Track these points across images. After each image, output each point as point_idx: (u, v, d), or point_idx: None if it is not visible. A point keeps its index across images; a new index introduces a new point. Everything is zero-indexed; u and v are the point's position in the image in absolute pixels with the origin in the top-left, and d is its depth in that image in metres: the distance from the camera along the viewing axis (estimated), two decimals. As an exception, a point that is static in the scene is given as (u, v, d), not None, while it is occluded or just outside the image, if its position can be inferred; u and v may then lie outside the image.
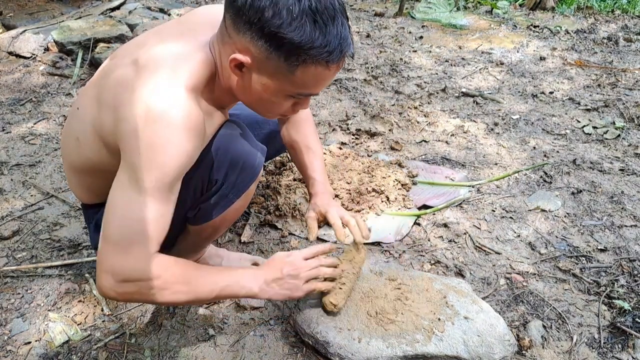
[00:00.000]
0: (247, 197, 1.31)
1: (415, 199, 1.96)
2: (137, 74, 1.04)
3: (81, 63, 3.08)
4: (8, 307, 1.45)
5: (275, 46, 0.96)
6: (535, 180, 2.14)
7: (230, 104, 1.21)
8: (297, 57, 0.96)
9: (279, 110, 1.13)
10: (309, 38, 0.94)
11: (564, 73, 3.28)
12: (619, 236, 1.80)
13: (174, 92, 1.00)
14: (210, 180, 1.21)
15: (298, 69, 0.99)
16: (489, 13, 4.59)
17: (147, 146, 0.98)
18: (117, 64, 1.13)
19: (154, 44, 1.08)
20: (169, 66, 1.03)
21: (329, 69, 1.00)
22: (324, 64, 0.99)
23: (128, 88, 1.03)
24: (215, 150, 1.18)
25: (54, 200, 1.93)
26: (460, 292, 1.39)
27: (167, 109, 0.98)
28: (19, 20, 3.74)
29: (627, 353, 1.36)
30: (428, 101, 2.87)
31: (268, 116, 1.20)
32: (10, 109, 2.62)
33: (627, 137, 2.51)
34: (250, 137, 1.28)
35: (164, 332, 1.39)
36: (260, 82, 1.04)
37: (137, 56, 1.07)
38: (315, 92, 1.08)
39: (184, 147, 1.00)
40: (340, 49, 0.98)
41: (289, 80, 1.01)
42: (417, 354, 1.23)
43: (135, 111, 0.99)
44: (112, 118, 1.06)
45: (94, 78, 1.20)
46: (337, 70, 1.03)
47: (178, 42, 1.09)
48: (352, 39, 1.02)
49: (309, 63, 0.98)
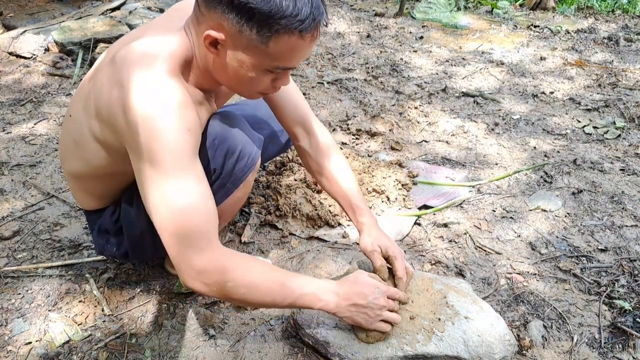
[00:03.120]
0: (245, 187, 1.30)
1: (416, 199, 1.96)
2: (114, 71, 1.04)
3: (81, 63, 3.08)
4: (9, 308, 1.45)
5: (246, 18, 0.95)
6: (536, 180, 2.14)
7: (211, 87, 1.21)
8: (269, 27, 0.96)
9: (258, 87, 1.12)
10: (279, 7, 0.94)
11: (565, 73, 3.28)
12: (619, 236, 1.80)
13: (154, 80, 1.01)
14: (208, 170, 1.21)
15: (271, 40, 0.98)
16: (489, 13, 4.59)
17: (149, 137, 0.98)
18: (99, 65, 1.15)
19: (133, 40, 1.09)
20: (143, 58, 1.03)
21: (303, 38, 0.99)
22: (297, 34, 0.98)
23: (109, 87, 1.04)
24: (211, 140, 1.19)
25: (55, 201, 1.93)
26: (460, 292, 1.39)
27: (151, 96, 0.99)
28: (20, 21, 3.74)
29: (627, 353, 1.36)
30: (428, 101, 2.87)
31: (249, 95, 1.18)
32: (11, 109, 2.62)
33: (627, 137, 2.51)
34: (247, 127, 1.28)
35: (165, 332, 1.39)
36: (235, 58, 1.03)
37: (114, 54, 1.08)
38: (292, 64, 1.06)
39: (181, 124, 1.00)
40: (313, 17, 0.98)
41: (263, 53, 1.01)
42: (417, 354, 1.23)
43: (123, 108, 1.00)
44: (103, 120, 1.08)
45: (84, 81, 1.22)
46: (313, 41, 1.02)
47: (157, 35, 1.10)
48: (325, 7, 1.01)
49: (281, 33, 0.97)
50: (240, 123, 1.26)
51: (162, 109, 0.99)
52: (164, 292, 1.52)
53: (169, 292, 1.51)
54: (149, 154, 0.99)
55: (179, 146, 1.00)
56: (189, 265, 1.02)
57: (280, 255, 1.69)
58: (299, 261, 1.66)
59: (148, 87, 1.00)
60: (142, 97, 0.99)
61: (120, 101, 1.01)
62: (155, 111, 0.98)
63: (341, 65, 3.35)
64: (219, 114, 1.26)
